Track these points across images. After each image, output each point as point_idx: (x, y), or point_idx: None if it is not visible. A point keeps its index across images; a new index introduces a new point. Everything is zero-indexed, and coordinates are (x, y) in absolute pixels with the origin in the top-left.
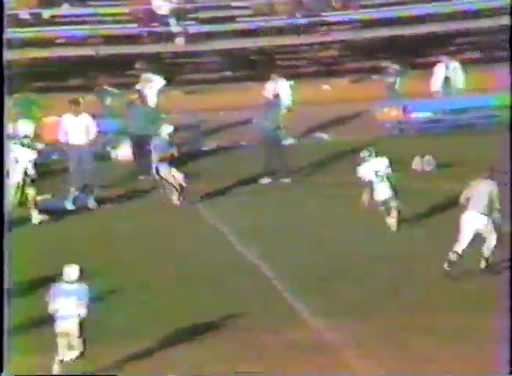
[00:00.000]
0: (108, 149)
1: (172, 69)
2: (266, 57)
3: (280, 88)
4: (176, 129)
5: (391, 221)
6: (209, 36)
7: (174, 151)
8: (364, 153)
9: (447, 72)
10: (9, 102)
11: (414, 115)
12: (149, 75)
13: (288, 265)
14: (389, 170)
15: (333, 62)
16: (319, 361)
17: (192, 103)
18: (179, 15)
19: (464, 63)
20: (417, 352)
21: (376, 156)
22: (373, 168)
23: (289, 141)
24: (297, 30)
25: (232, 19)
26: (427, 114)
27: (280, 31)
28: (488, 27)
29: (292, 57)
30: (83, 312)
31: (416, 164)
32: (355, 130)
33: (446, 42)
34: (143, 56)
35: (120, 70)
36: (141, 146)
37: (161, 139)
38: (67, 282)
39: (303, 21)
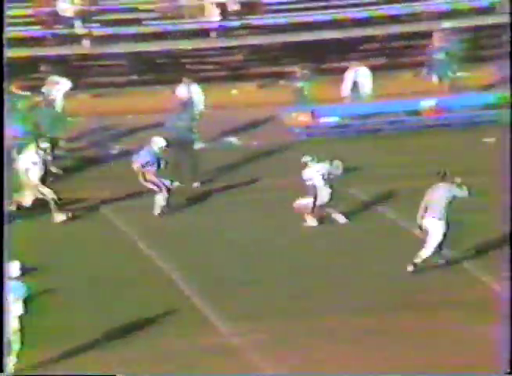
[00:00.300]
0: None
1: (78, 71)
2: (174, 61)
3: (193, 92)
4: (83, 133)
5: (339, 217)
6: (115, 39)
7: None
8: (306, 158)
9: (356, 77)
10: None
11: (322, 120)
12: (55, 78)
13: (198, 269)
14: (334, 173)
15: (241, 66)
16: (226, 365)
17: (99, 106)
18: (85, 17)
19: (373, 69)
20: (323, 355)
21: (318, 161)
22: (318, 172)
23: (199, 145)
24: (205, 33)
25: (138, 21)
26: (335, 119)
27: (188, 35)
28: (398, 34)
29: (200, 61)
30: (18, 309)
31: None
32: (263, 135)
33: (355, 48)
34: (49, 58)
35: (26, 72)
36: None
37: (151, 153)
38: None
39: (210, 25)
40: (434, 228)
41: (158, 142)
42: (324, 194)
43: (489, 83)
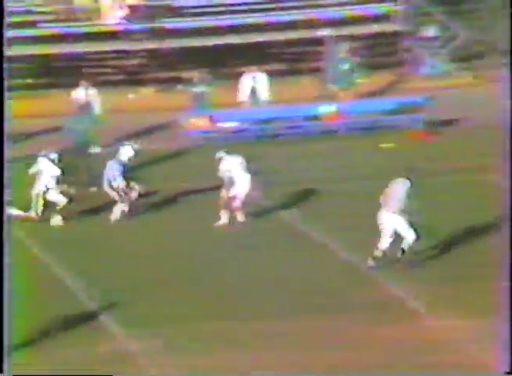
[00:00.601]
0: None
1: None
2: (70, 64)
3: (91, 95)
4: None
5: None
6: (9, 41)
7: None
8: (220, 154)
9: (253, 83)
10: None
11: (221, 125)
12: None
13: (97, 276)
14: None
15: (139, 71)
16: (123, 371)
17: None
18: None
19: (271, 74)
20: (222, 359)
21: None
22: (235, 164)
23: (95, 150)
24: (102, 37)
25: (33, 24)
26: (234, 124)
27: (85, 38)
28: (296, 40)
29: (97, 65)
30: None
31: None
32: (162, 139)
33: (253, 53)
34: None
35: None
36: None
37: (119, 162)
38: None
39: (107, 28)
40: (389, 221)
41: (127, 152)
42: (245, 184)
43: (388, 89)
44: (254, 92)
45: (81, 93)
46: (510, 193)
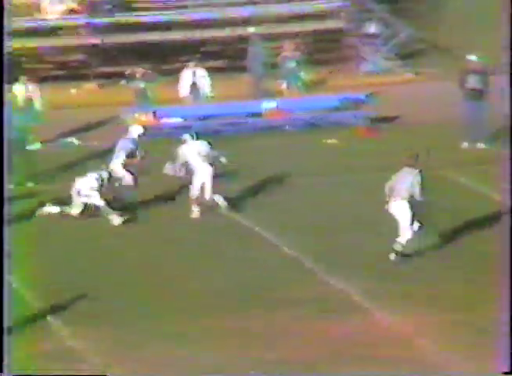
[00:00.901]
0: None
1: None
2: (11, 59)
3: (31, 91)
4: None
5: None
6: None
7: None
8: (186, 136)
9: (194, 78)
10: None
11: (164, 121)
12: None
13: (42, 275)
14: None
15: (81, 66)
16: (69, 369)
17: None
18: None
19: (211, 71)
20: (168, 357)
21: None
22: (195, 150)
23: (35, 146)
24: (43, 32)
25: None
26: (177, 120)
27: (25, 33)
28: (236, 37)
29: (38, 60)
30: None
31: (168, 169)
32: (104, 135)
33: (194, 49)
34: None
35: None
36: None
37: (132, 140)
38: None
39: (48, 23)
40: (400, 210)
41: (138, 130)
42: (203, 173)
43: (330, 86)
44: (195, 88)
45: (21, 89)
46: (510, 193)
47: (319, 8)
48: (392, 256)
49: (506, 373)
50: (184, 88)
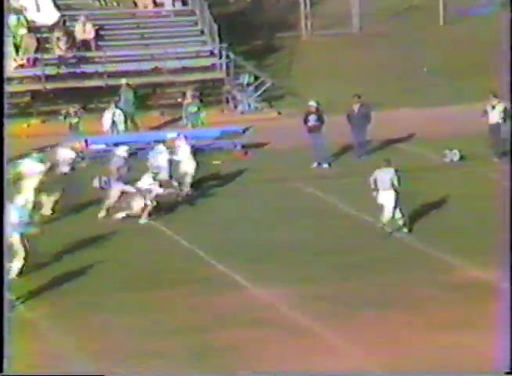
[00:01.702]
0: None
1: None
2: None
3: None
4: None
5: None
6: None
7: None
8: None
9: (113, 116)
10: None
11: (92, 147)
12: None
13: None
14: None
15: (28, 106)
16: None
17: None
18: None
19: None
20: (97, 325)
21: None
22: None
23: None
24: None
25: None
26: (102, 146)
27: None
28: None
29: None
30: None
31: (95, 182)
32: (48, 159)
33: (113, 93)
34: None
35: None
36: None
37: (120, 159)
38: None
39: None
40: (387, 197)
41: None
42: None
43: (215, 121)
44: (114, 123)
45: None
46: (510, 192)
47: (204, 62)
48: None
49: (507, 373)
50: (106, 122)
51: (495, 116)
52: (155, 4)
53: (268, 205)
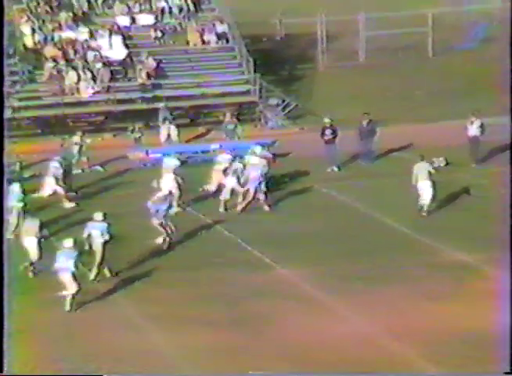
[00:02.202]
0: None
1: None
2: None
3: (81, 139)
4: None
5: None
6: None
7: None
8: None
9: (169, 130)
10: None
11: (152, 156)
12: None
13: None
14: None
15: (103, 123)
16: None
17: None
18: None
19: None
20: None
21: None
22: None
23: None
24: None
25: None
26: (159, 155)
27: (71, 105)
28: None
29: (80, 121)
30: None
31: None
32: (119, 164)
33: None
34: None
35: None
36: None
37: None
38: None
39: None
40: (426, 186)
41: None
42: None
43: (251, 135)
44: (169, 136)
45: (77, 138)
46: (511, 191)
47: (241, 88)
48: (424, 214)
49: (507, 373)
50: (163, 137)
51: (473, 130)
52: (203, 42)
53: (292, 202)
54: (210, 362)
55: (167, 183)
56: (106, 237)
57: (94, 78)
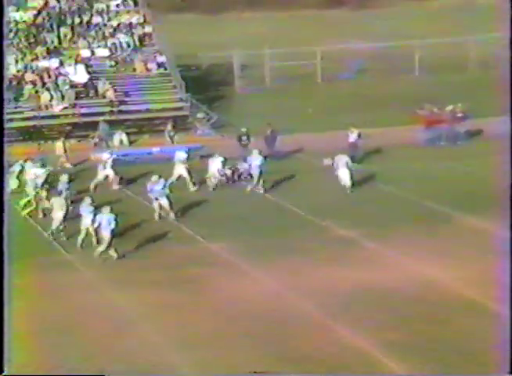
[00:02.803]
0: None
1: None
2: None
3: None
4: None
5: None
6: None
7: None
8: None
9: (121, 137)
10: None
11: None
12: None
13: None
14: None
15: (70, 132)
16: None
17: None
18: None
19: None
20: None
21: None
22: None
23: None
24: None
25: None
26: (115, 156)
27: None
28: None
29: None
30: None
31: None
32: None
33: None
34: None
35: None
36: None
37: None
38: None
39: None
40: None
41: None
42: None
43: (185, 141)
44: (122, 141)
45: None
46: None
47: (176, 105)
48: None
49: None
50: (116, 141)
51: (352, 138)
52: (147, 69)
53: (218, 190)
54: (159, 315)
55: (178, 170)
56: (113, 226)
57: (63, 97)
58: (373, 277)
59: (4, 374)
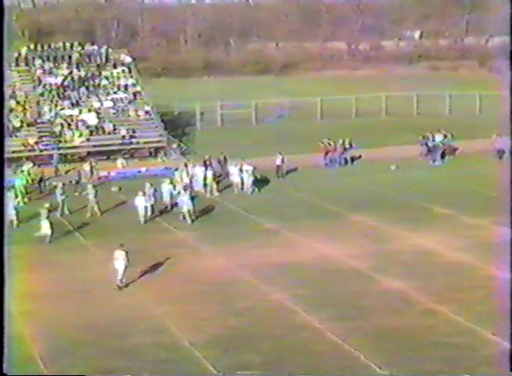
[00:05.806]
0: None
1: None
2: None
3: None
4: None
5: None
6: None
7: None
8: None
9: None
10: None
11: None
12: None
13: None
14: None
15: (85, 157)
16: None
17: None
18: None
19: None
20: None
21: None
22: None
23: None
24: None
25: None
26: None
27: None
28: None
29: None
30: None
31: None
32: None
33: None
34: None
35: None
36: None
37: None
38: None
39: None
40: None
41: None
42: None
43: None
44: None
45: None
46: (511, 190)
47: (156, 139)
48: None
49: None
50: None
51: (278, 161)
52: (137, 115)
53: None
54: (146, 281)
55: (185, 178)
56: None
57: (81, 134)
58: (290, 255)
59: (4, 374)
